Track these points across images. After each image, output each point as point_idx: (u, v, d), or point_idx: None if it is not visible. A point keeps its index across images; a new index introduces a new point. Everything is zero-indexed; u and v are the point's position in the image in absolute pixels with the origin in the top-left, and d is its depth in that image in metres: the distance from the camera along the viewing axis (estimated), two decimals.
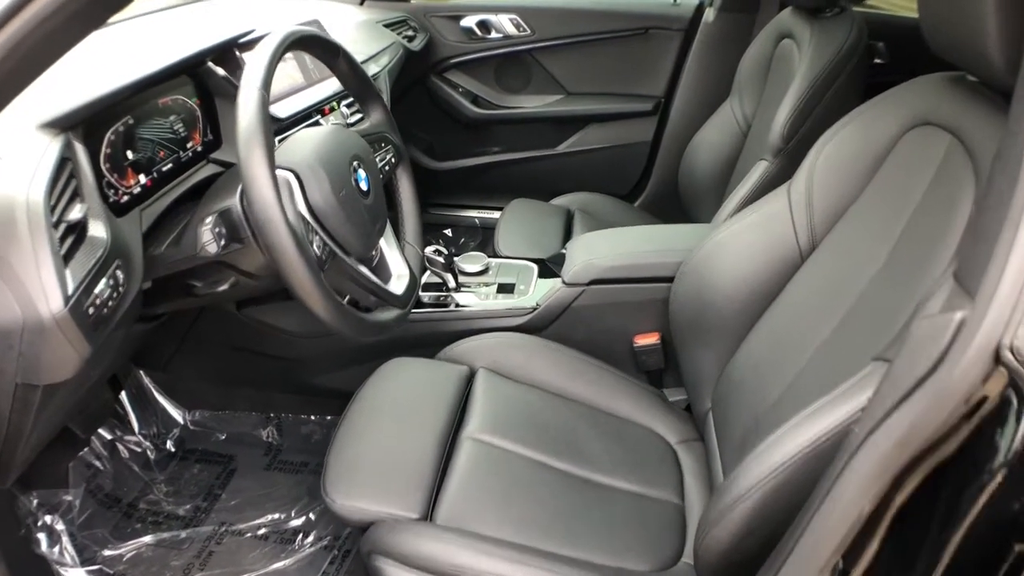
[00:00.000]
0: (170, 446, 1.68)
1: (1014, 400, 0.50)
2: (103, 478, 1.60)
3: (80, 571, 1.39)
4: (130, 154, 1.04)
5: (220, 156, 1.21)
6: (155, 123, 1.10)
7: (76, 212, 0.85)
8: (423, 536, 0.96)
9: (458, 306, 1.42)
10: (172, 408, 1.71)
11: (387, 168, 1.16)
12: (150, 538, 1.47)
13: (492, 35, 2.17)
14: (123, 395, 1.67)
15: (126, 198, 1.02)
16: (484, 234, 2.25)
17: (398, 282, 1.10)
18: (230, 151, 1.22)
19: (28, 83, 0.69)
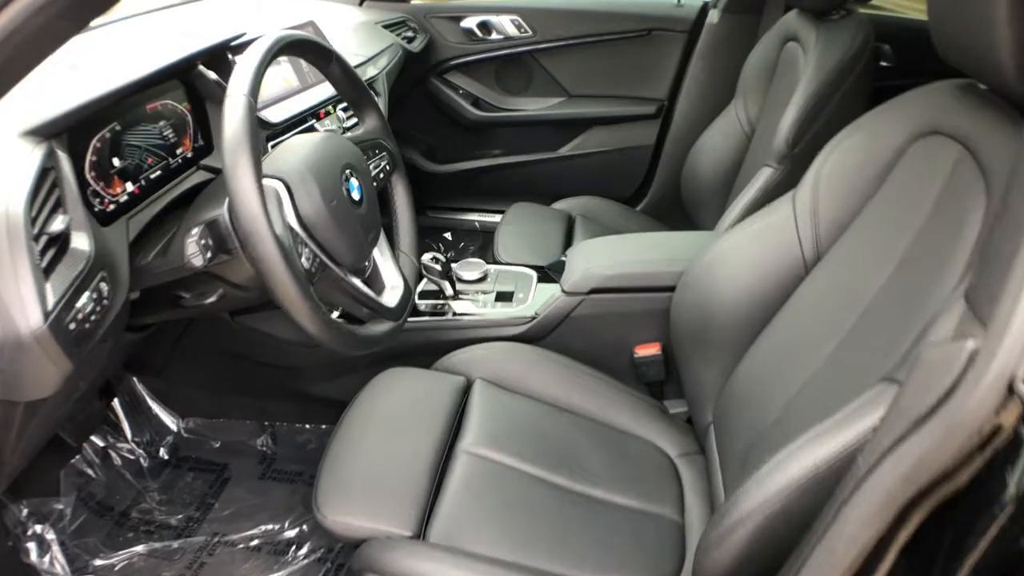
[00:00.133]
0: (163, 454, 1.66)
1: None
2: (95, 486, 1.58)
3: None
4: (117, 161, 1.01)
5: (211, 162, 1.18)
6: (143, 129, 1.08)
7: (58, 223, 0.83)
8: (415, 555, 0.94)
9: (456, 315, 1.39)
10: (165, 415, 1.69)
11: (382, 175, 1.14)
12: (142, 548, 1.45)
13: (493, 36, 2.15)
14: (116, 402, 1.65)
15: (112, 207, 0.99)
16: (484, 238, 2.23)
17: (391, 293, 1.07)
18: (221, 157, 1.19)
19: (9, 87, 0.66)
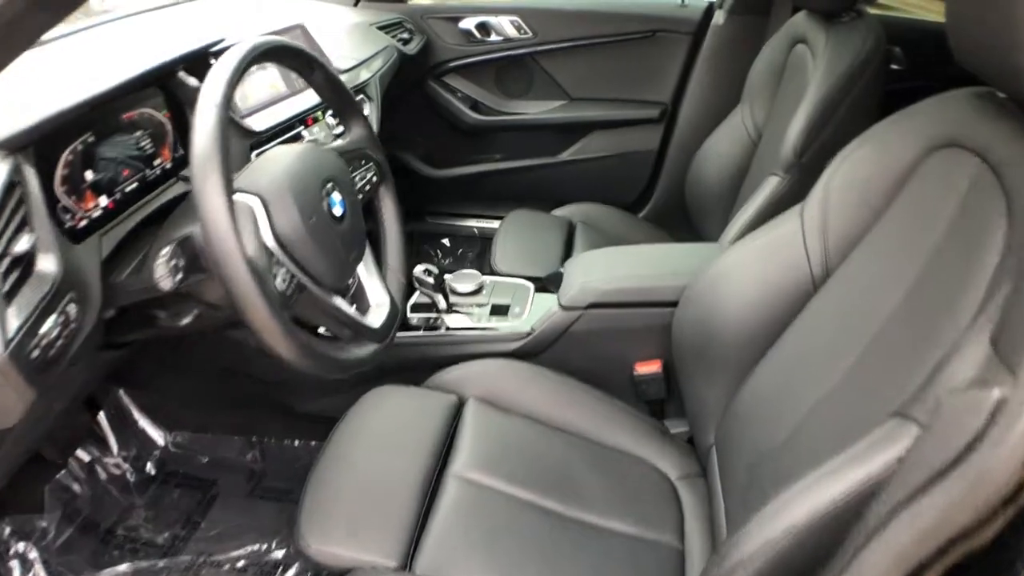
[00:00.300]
0: (150, 468, 1.62)
1: None
2: (81, 502, 1.54)
3: None
4: (89, 175, 0.96)
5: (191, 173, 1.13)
6: (119, 140, 1.03)
7: (23, 244, 0.78)
8: None
9: (449, 329, 1.35)
10: (153, 429, 1.65)
11: (368, 187, 1.08)
12: (127, 567, 1.41)
13: (492, 38, 2.10)
14: (101, 415, 1.61)
15: (84, 223, 0.94)
16: (483, 244, 2.19)
17: (377, 313, 1.02)
18: (191, 173, 1.15)
19: None
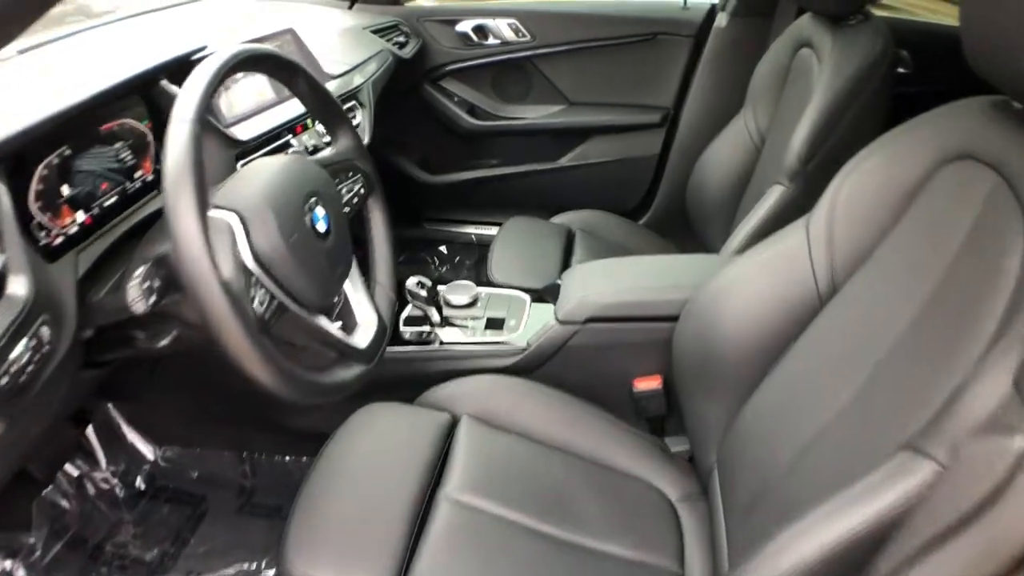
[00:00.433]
0: (140, 483, 1.59)
1: None
2: (69, 518, 1.51)
3: None
4: (66, 189, 0.92)
5: None
6: (97, 152, 0.99)
7: None
8: None
9: (442, 344, 1.31)
10: (142, 443, 1.62)
11: (355, 200, 1.04)
12: None
13: (490, 41, 2.06)
14: (90, 430, 1.58)
15: (60, 240, 0.91)
16: (481, 251, 2.15)
17: (363, 332, 0.98)
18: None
19: None
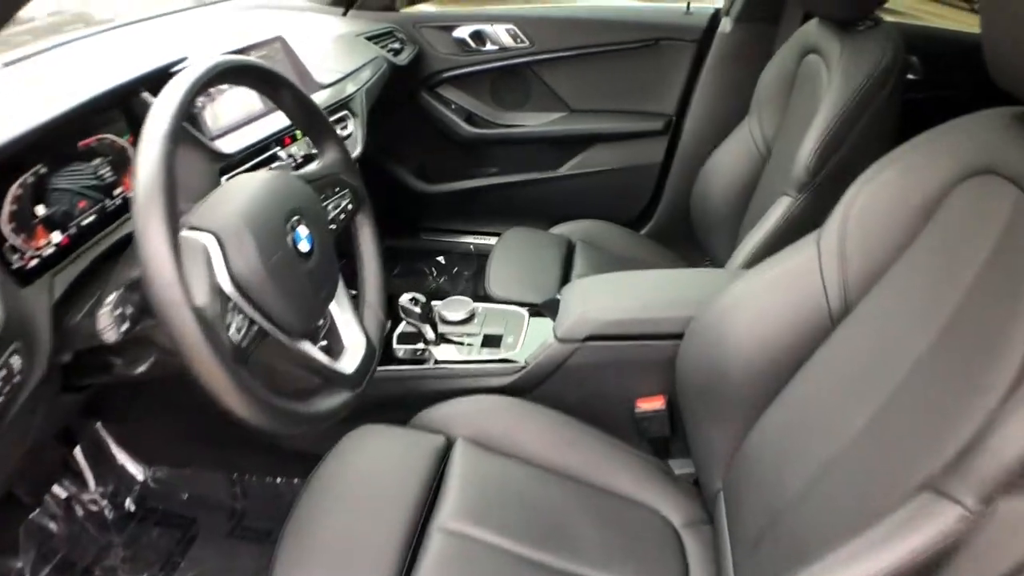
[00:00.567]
0: (129, 505, 1.54)
1: None
2: (57, 541, 1.47)
3: None
4: (41, 209, 0.88)
5: None
6: (74, 169, 0.94)
7: None
8: None
9: (437, 362, 1.27)
10: (131, 464, 1.57)
11: (343, 216, 1.00)
12: None
13: (487, 47, 2.01)
14: (78, 450, 1.54)
15: (34, 262, 0.86)
16: (479, 261, 2.11)
17: (350, 357, 0.94)
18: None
19: None
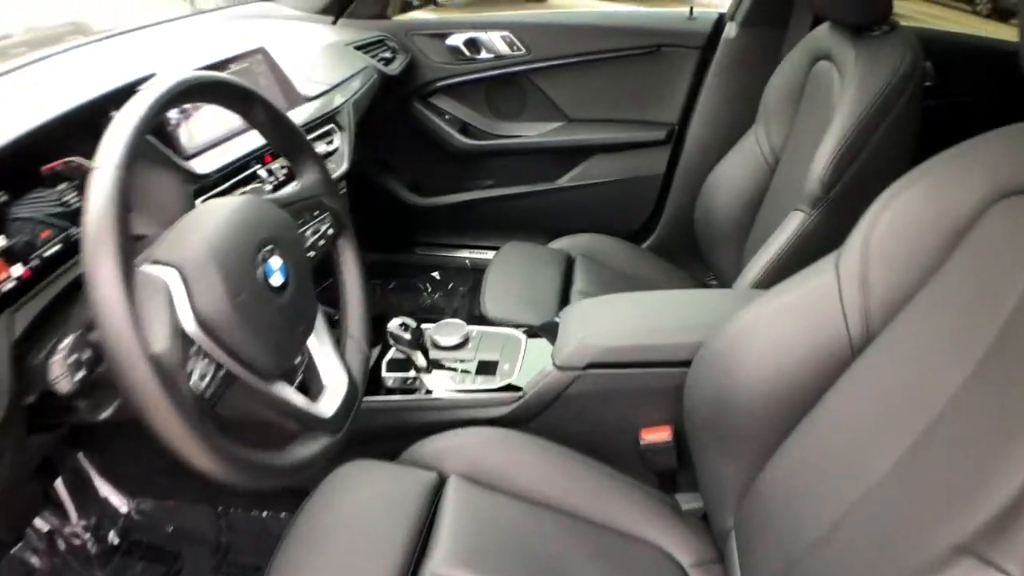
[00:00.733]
0: (112, 538, 1.48)
1: None
2: None
3: None
4: (1, 241, 0.82)
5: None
6: (37, 196, 0.88)
7: None
8: None
9: (428, 392, 1.20)
10: (114, 496, 1.52)
11: (322, 242, 0.93)
12: None
13: (482, 55, 1.96)
14: (59, 482, 1.48)
15: None
16: (475, 276, 2.05)
17: (331, 397, 0.87)
18: (144, 220, 1.01)
19: None
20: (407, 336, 1.17)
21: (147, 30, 1.49)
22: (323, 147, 1.34)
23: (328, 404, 0.85)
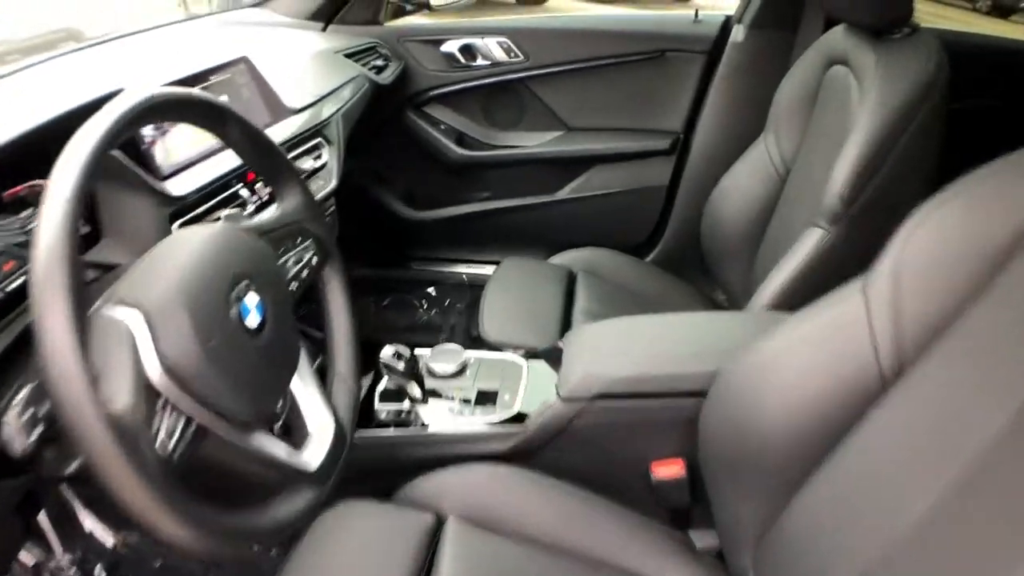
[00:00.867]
0: (99, 572, 1.42)
1: None
2: None
3: None
4: None
5: (98, 256, 0.93)
6: None
7: None
8: None
9: (424, 425, 1.13)
10: (100, 529, 1.44)
11: (306, 272, 0.86)
12: None
13: (478, 62, 1.89)
14: (43, 514, 1.41)
15: None
16: (472, 292, 1.99)
17: (316, 445, 0.79)
18: (116, 247, 0.95)
19: None
20: (401, 366, 1.10)
21: (132, 38, 1.43)
22: (310, 163, 1.27)
23: (313, 453, 0.78)
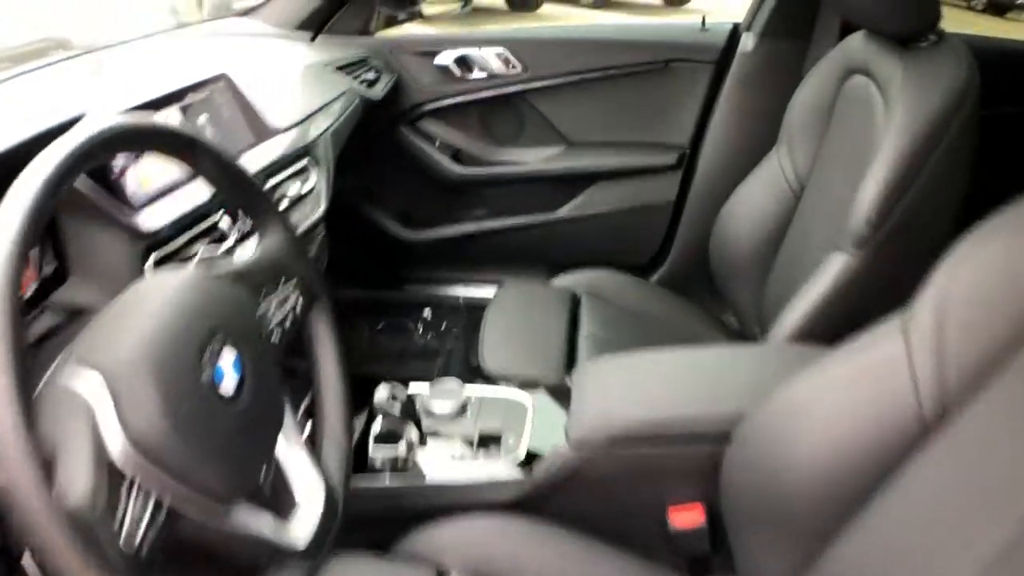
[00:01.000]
0: None
1: None
2: None
3: None
4: None
5: (65, 297, 0.85)
6: None
7: None
8: None
9: (422, 472, 1.06)
10: None
11: (290, 319, 0.77)
12: None
13: (475, 74, 1.83)
14: (27, 556, 1.32)
15: None
16: (470, 315, 1.91)
17: (304, 516, 0.71)
18: (84, 287, 0.87)
19: None
20: (396, 410, 1.02)
21: (114, 50, 1.35)
22: (297, 187, 1.19)
23: (302, 525, 0.70)
